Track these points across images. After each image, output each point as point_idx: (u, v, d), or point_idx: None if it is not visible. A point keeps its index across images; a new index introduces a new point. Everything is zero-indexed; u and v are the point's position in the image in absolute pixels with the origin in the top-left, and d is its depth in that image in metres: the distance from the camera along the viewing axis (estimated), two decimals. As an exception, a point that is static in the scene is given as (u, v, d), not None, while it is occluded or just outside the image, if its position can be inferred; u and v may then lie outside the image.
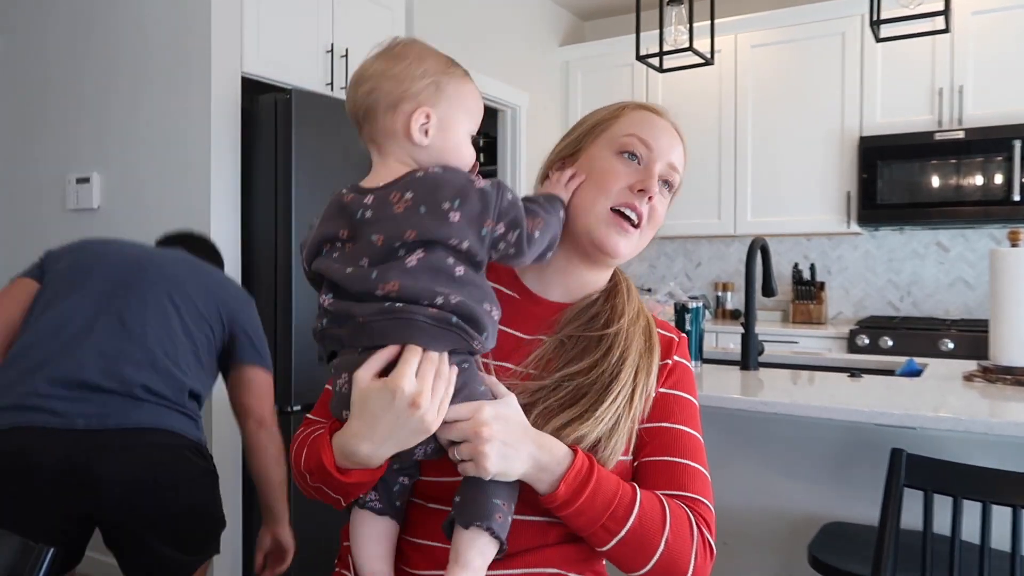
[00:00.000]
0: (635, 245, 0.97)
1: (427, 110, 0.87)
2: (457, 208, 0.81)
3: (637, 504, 0.85)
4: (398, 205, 0.81)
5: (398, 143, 0.88)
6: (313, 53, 2.85)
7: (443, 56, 0.92)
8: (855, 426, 1.72)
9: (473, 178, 0.85)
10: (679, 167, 1.00)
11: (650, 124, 0.99)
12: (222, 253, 2.01)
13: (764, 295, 2.19)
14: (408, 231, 0.80)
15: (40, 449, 1.42)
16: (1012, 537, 1.21)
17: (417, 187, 0.82)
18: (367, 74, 0.89)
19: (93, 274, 1.63)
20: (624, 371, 0.92)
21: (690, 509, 0.89)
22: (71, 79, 2.88)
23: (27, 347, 1.54)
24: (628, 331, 0.96)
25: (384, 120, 0.88)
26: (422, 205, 0.81)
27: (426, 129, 0.87)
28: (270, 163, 2.51)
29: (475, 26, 3.78)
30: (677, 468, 0.92)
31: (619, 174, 0.95)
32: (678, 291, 3.10)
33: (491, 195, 0.83)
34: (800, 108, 3.79)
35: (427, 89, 0.87)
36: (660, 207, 0.99)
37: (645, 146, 0.97)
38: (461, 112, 0.90)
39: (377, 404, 0.78)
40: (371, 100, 0.88)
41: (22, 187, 3.06)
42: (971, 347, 3.08)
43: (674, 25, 2.80)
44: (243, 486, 2.56)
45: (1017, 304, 1.84)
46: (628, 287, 1.03)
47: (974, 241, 3.67)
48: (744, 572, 1.90)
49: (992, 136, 3.26)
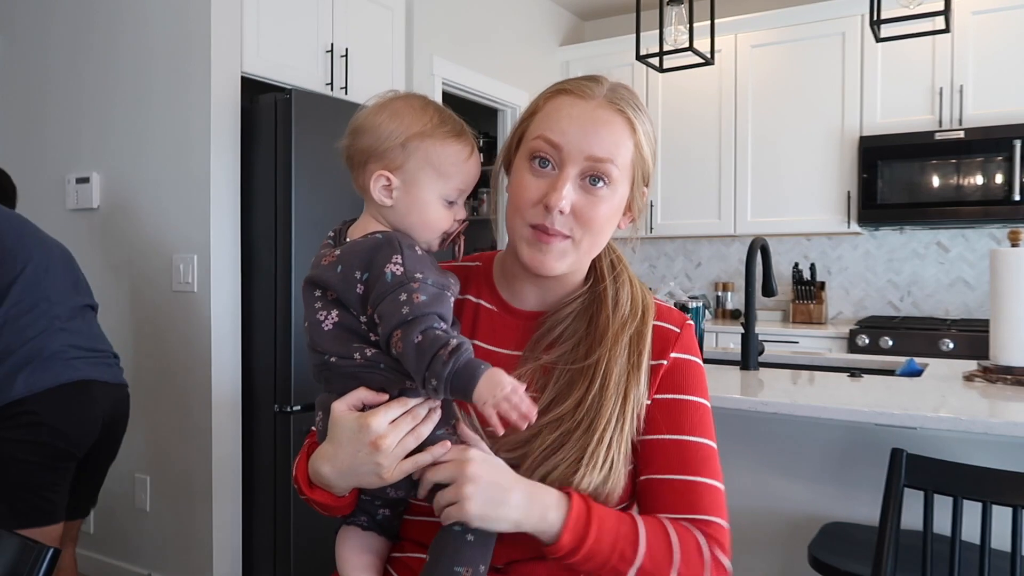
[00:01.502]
0: (572, 257, 0.87)
1: (386, 173, 0.86)
2: (363, 281, 0.81)
3: (643, 540, 0.80)
4: (326, 258, 0.84)
5: (369, 200, 0.89)
6: (313, 53, 2.85)
7: (429, 113, 0.87)
8: (855, 426, 1.71)
9: (395, 259, 0.79)
10: (606, 156, 0.84)
11: (560, 117, 0.86)
12: (222, 256, 2.15)
13: (764, 295, 2.19)
14: (323, 285, 0.84)
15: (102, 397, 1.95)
16: (1012, 537, 1.21)
17: (347, 248, 0.84)
18: (353, 126, 0.89)
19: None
20: (606, 403, 0.84)
21: (701, 532, 0.84)
22: (71, 79, 2.88)
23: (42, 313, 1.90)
24: (611, 353, 0.86)
25: (357, 176, 0.89)
26: (340, 265, 0.83)
27: (388, 190, 0.86)
28: (270, 163, 2.50)
29: (475, 26, 3.78)
30: (684, 487, 0.86)
31: (528, 188, 0.86)
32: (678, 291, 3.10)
33: (386, 285, 0.79)
34: (800, 108, 3.79)
35: (393, 150, 0.85)
36: (595, 209, 0.85)
37: (552, 147, 0.85)
38: (430, 174, 0.86)
39: (344, 432, 0.80)
40: (349, 154, 0.89)
41: (22, 187, 3.05)
42: (971, 347, 3.08)
43: (674, 25, 2.79)
44: (243, 486, 2.56)
45: (1017, 304, 1.83)
46: (615, 293, 0.91)
47: (974, 241, 3.67)
48: (744, 572, 1.90)
49: (992, 136, 3.26)
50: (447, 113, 0.89)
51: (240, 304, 2.56)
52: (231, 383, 2.51)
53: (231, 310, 2.52)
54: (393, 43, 3.26)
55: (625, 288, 0.93)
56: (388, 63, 3.23)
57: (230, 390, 2.51)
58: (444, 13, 3.54)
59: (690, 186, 4.12)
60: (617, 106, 0.87)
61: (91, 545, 2.82)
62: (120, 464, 2.72)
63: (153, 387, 2.63)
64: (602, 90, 0.88)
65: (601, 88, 0.88)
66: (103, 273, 2.78)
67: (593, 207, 0.85)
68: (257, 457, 2.55)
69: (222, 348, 2.49)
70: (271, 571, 2.50)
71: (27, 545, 0.95)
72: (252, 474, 2.56)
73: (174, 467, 2.57)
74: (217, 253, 2.47)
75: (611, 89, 0.89)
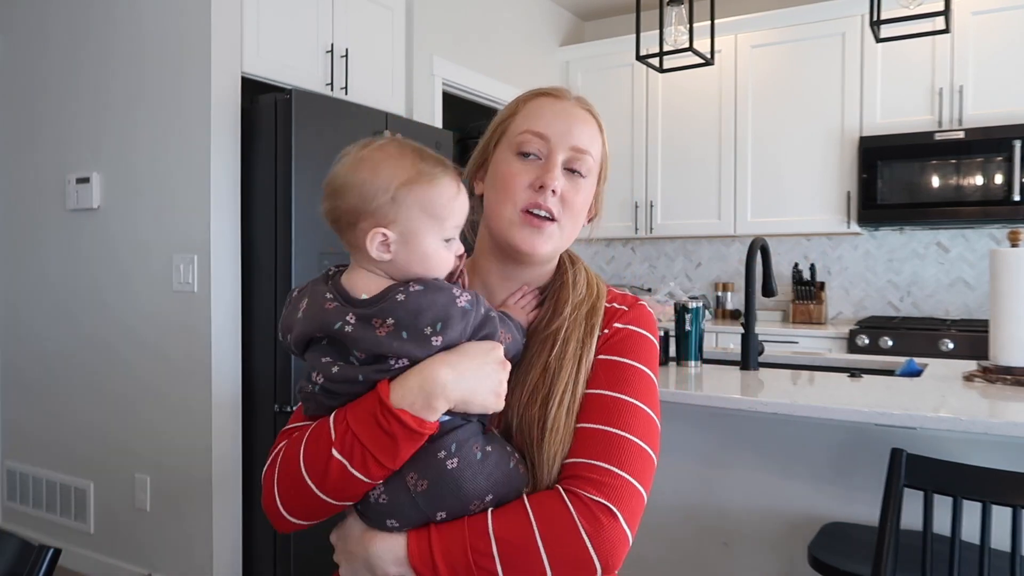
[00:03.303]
0: (557, 240, 0.96)
1: (382, 230, 0.83)
2: (440, 331, 0.81)
3: (490, 528, 0.82)
4: (380, 330, 0.81)
5: (366, 257, 0.86)
6: (313, 53, 2.85)
7: (408, 159, 0.86)
8: (855, 426, 1.72)
9: (456, 294, 0.83)
10: (586, 148, 0.95)
11: (543, 114, 0.96)
12: (222, 256, 2.04)
13: (764, 295, 2.19)
14: (392, 354, 0.81)
15: None
16: (1012, 537, 1.21)
17: (398, 312, 0.81)
18: (333, 186, 0.86)
19: None
20: (565, 364, 0.91)
21: (580, 478, 0.84)
22: (71, 79, 2.88)
23: None
24: (570, 321, 0.95)
25: (348, 236, 0.87)
26: (404, 331, 0.81)
27: (386, 246, 0.84)
28: (270, 163, 2.50)
29: (475, 26, 3.78)
30: (602, 436, 0.87)
31: (519, 175, 0.94)
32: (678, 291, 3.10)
33: (471, 313, 0.84)
34: (800, 108, 3.79)
35: (383, 206, 0.83)
36: (577, 196, 0.95)
37: (540, 139, 0.94)
38: (425, 221, 0.85)
39: (472, 348, 0.84)
40: (334, 216, 0.87)
41: (22, 187, 3.07)
42: (971, 347, 3.08)
43: (674, 25, 2.80)
44: (243, 486, 2.56)
45: (1017, 304, 1.83)
46: (574, 277, 1.00)
47: (974, 241, 3.67)
48: (744, 572, 1.90)
49: (992, 136, 3.26)
50: (425, 151, 0.88)
51: (240, 304, 2.56)
52: (231, 383, 2.51)
53: (231, 310, 2.52)
54: (393, 43, 3.26)
55: (582, 275, 1.02)
56: (388, 63, 3.23)
57: (230, 390, 2.51)
58: (444, 13, 3.55)
59: (690, 186, 4.12)
60: (588, 107, 0.99)
61: (91, 545, 2.83)
62: (120, 464, 2.73)
63: (153, 387, 2.63)
64: (572, 95, 0.99)
65: (571, 93, 1.00)
66: (103, 273, 2.78)
67: (576, 192, 0.95)
68: (257, 457, 2.55)
69: (222, 348, 2.49)
70: (271, 571, 2.50)
71: (27, 545, 0.95)
72: (252, 474, 2.56)
73: (174, 467, 2.57)
74: (217, 253, 2.48)
75: (578, 96, 1.00)
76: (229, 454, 2.50)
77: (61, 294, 2.92)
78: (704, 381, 1.91)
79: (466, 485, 0.82)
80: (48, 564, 0.93)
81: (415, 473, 0.82)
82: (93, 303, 2.82)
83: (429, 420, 0.80)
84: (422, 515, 0.82)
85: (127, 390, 2.71)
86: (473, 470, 0.82)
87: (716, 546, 1.93)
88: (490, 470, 0.83)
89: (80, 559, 2.82)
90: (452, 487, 0.81)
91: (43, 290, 2.99)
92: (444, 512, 0.82)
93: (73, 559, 2.82)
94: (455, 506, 0.82)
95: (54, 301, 2.95)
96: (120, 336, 2.73)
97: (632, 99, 4.29)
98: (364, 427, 0.80)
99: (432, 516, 0.83)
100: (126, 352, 2.71)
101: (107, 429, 2.77)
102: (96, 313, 2.80)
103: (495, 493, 0.83)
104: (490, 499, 0.83)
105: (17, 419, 3.10)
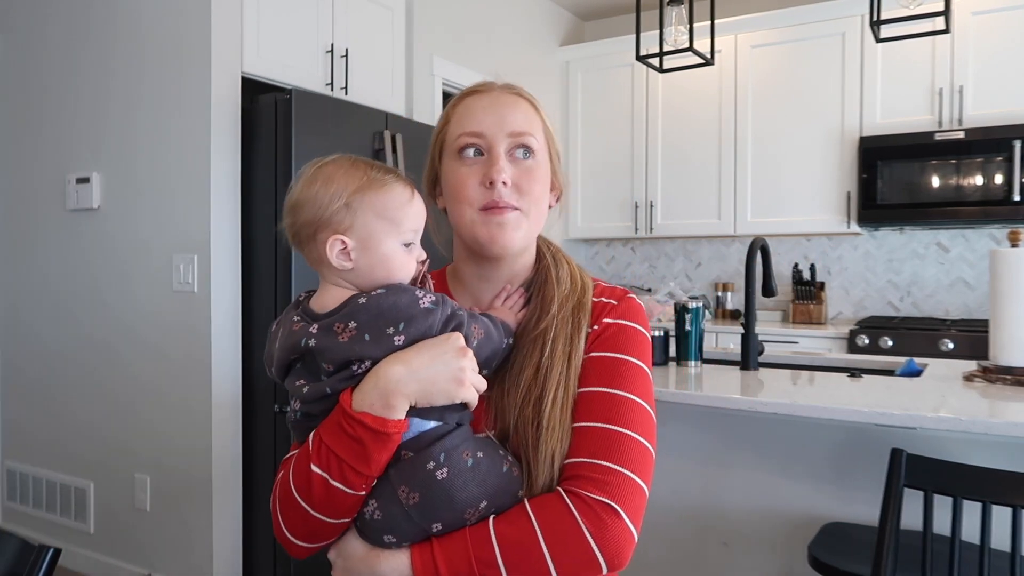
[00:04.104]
0: (526, 227, 0.95)
1: (340, 237, 0.85)
2: (402, 331, 0.81)
3: (492, 536, 0.81)
4: (342, 335, 0.81)
5: (329, 269, 0.87)
6: (313, 53, 2.85)
7: (360, 169, 0.87)
8: (855, 426, 1.72)
9: (419, 295, 0.83)
10: (523, 129, 0.94)
11: (473, 112, 0.95)
12: (222, 256, 2.05)
13: (764, 295, 2.19)
14: (355, 358, 0.81)
15: None
16: (1012, 537, 1.21)
17: (360, 315, 0.82)
18: (289, 205, 0.88)
19: None
20: (555, 365, 0.91)
21: (580, 478, 0.84)
22: (71, 79, 2.88)
23: None
24: (557, 320, 0.94)
25: (309, 250, 0.88)
26: (366, 333, 0.81)
27: (347, 253, 0.85)
28: (270, 163, 2.50)
29: (475, 26, 3.78)
30: (601, 434, 0.87)
31: (467, 178, 0.93)
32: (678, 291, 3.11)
33: (435, 313, 0.83)
34: (800, 108, 3.79)
35: (338, 213, 0.85)
36: (530, 179, 0.94)
37: (477, 137, 0.94)
38: (381, 225, 0.86)
39: (431, 341, 0.83)
40: (294, 231, 0.89)
41: (22, 187, 3.07)
42: (971, 347, 3.08)
43: (674, 25, 2.80)
44: (243, 486, 2.56)
45: (1017, 304, 1.83)
46: (557, 272, 0.99)
47: (974, 241, 3.67)
48: (744, 572, 1.90)
49: (992, 136, 3.26)
50: (377, 164, 0.90)
51: (240, 304, 2.56)
52: (231, 383, 2.51)
53: (231, 310, 2.53)
54: (393, 43, 3.26)
55: (564, 268, 1.01)
56: (388, 63, 3.23)
57: (230, 390, 2.51)
58: (444, 13, 3.55)
59: (690, 186, 4.12)
60: (515, 91, 0.99)
61: (91, 545, 2.83)
62: (120, 464, 2.73)
63: (153, 387, 2.63)
64: (498, 84, 0.99)
65: (496, 83, 1.00)
66: (103, 273, 2.78)
67: (528, 176, 0.94)
68: (257, 457, 2.55)
69: (222, 348, 2.49)
70: (271, 571, 2.50)
71: (27, 545, 0.95)
72: (252, 474, 2.56)
73: (174, 467, 2.57)
74: (217, 253, 2.48)
75: (505, 84, 1.00)
76: (229, 454, 2.50)
77: (61, 294, 2.92)
78: (704, 381, 1.91)
79: (458, 494, 0.81)
80: (48, 564, 0.93)
81: (406, 486, 0.81)
82: (93, 303, 2.82)
83: (391, 419, 0.79)
84: (418, 528, 0.82)
85: (127, 390, 2.71)
86: (464, 478, 0.81)
87: (716, 546, 1.93)
88: (482, 477, 0.82)
89: (80, 559, 2.82)
90: (444, 498, 0.81)
91: (43, 290, 2.99)
92: (440, 523, 0.81)
93: (73, 559, 2.82)
94: (449, 516, 0.81)
95: (54, 301, 2.95)
96: (120, 336, 2.73)
97: (632, 99, 4.29)
98: (334, 437, 0.81)
99: (428, 528, 0.82)
100: (126, 352, 2.71)
101: (107, 429, 2.77)
102: (96, 313, 2.80)
103: (489, 499, 0.83)
104: (485, 505, 0.82)
105: (17, 419, 3.10)
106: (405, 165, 2.74)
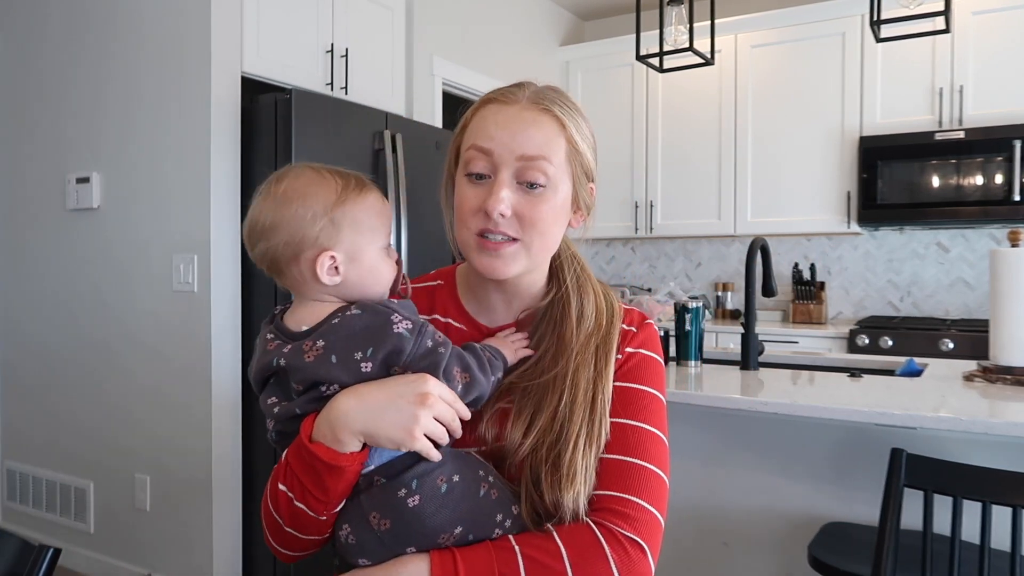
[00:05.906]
0: (524, 260, 0.89)
1: (330, 252, 0.83)
2: (370, 357, 0.79)
3: (518, 554, 0.79)
4: (308, 355, 0.79)
5: (313, 286, 0.85)
6: (313, 53, 2.85)
7: (328, 180, 0.86)
8: (855, 426, 1.72)
9: (395, 320, 0.80)
10: (538, 154, 0.86)
11: (487, 125, 0.88)
12: (222, 256, 2.03)
13: (764, 295, 2.19)
14: (323, 381, 0.79)
15: None
16: (1012, 537, 1.21)
17: (330, 336, 0.80)
18: (261, 228, 0.84)
19: None
20: (575, 414, 0.86)
21: (608, 511, 0.83)
22: (70, 79, 2.88)
23: None
24: (578, 362, 0.89)
25: (290, 272, 0.85)
26: (333, 355, 0.79)
27: (335, 268, 0.84)
28: (270, 163, 2.50)
29: (475, 26, 3.78)
30: (618, 466, 0.86)
31: (468, 200, 0.88)
32: (678, 291, 3.10)
33: (408, 341, 0.80)
34: (800, 108, 3.79)
35: (324, 231, 0.83)
36: (537, 210, 0.87)
37: (484, 155, 0.87)
38: (366, 235, 0.85)
39: (392, 382, 0.79)
40: (270, 256, 0.85)
41: (22, 187, 3.06)
42: (971, 347, 3.08)
43: (674, 25, 2.80)
44: (243, 486, 2.56)
45: (1017, 304, 1.83)
46: (580, 306, 0.93)
47: (974, 241, 3.67)
48: (744, 572, 1.90)
49: (992, 136, 3.26)
50: (336, 170, 0.88)
51: (240, 304, 2.56)
52: (231, 383, 2.51)
53: (231, 310, 2.52)
54: (393, 43, 3.26)
55: (590, 299, 0.95)
56: (388, 63, 3.23)
57: (230, 390, 2.51)
58: (444, 13, 3.54)
59: (690, 186, 4.12)
60: (542, 105, 0.88)
61: (91, 545, 2.83)
62: (120, 464, 2.73)
63: (153, 387, 2.63)
64: (525, 93, 0.90)
65: (524, 92, 0.90)
66: (103, 273, 2.78)
67: (534, 208, 0.87)
68: (257, 457, 2.55)
69: (222, 348, 2.49)
70: (271, 571, 2.50)
71: (27, 545, 0.95)
72: (252, 474, 2.56)
73: (174, 467, 2.57)
74: (217, 253, 2.47)
75: (535, 91, 0.90)
76: (229, 454, 2.50)
77: (61, 294, 2.92)
78: (704, 381, 1.91)
79: (428, 521, 0.79)
80: (48, 564, 0.92)
81: (377, 513, 0.80)
82: (93, 303, 2.81)
83: (342, 452, 0.77)
84: (390, 553, 0.81)
85: (127, 390, 2.71)
86: (436, 504, 0.80)
87: (716, 546, 1.93)
88: (455, 502, 0.80)
89: (80, 559, 2.82)
90: (416, 525, 0.79)
91: (43, 290, 2.99)
92: (413, 547, 0.80)
93: (73, 559, 2.82)
94: (422, 541, 0.80)
95: (54, 301, 2.95)
96: (120, 336, 2.73)
97: (632, 99, 4.29)
98: (296, 461, 0.81)
99: (401, 552, 0.80)
100: (126, 352, 2.71)
101: (107, 429, 2.77)
102: (96, 313, 2.80)
103: (464, 525, 0.81)
104: (460, 531, 0.81)
105: (17, 419, 3.10)
106: (405, 165, 2.74)
